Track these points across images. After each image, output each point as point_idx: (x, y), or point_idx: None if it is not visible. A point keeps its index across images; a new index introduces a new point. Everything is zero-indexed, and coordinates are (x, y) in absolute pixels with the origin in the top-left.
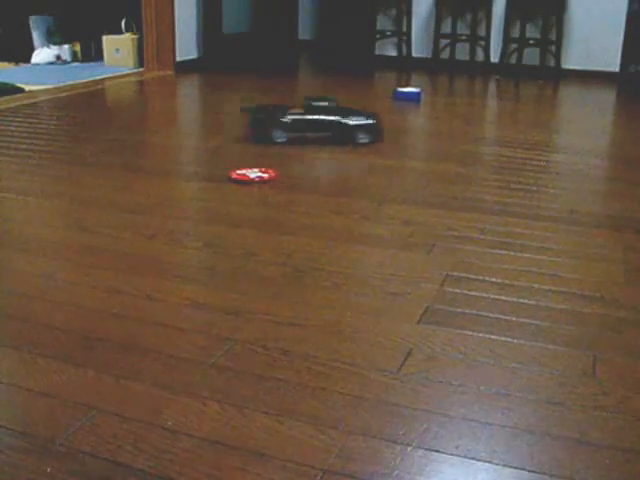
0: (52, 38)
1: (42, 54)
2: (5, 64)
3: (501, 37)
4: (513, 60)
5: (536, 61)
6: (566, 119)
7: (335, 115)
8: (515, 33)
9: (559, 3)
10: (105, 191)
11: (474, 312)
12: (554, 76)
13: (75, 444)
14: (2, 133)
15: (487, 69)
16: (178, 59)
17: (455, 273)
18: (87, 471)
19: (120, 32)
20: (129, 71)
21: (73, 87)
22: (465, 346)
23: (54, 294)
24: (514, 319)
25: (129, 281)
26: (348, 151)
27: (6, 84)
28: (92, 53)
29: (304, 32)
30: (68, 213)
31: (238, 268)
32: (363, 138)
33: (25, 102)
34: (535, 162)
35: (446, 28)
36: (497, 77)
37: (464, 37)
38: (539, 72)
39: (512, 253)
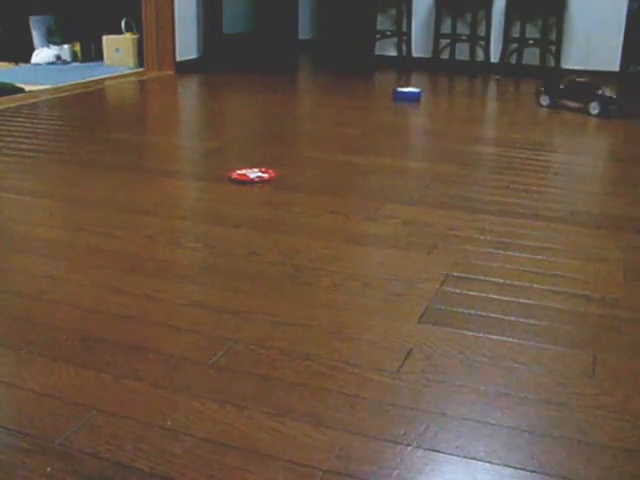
0: (52, 38)
1: (42, 54)
2: (5, 64)
3: (501, 37)
4: (513, 60)
5: (536, 61)
6: (566, 119)
7: None
8: (515, 33)
9: (559, 3)
10: (105, 191)
11: (474, 312)
12: (554, 76)
13: (75, 444)
14: (2, 133)
15: (487, 69)
16: (178, 59)
17: (455, 273)
18: (87, 471)
19: (120, 32)
20: (129, 71)
21: (73, 87)
22: (465, 346)
23: (54, 294)
24: (514, 319)
25: (129, 281)
26: (348, 151)
27: (6, 84)
28: (92, 53)
29: (304, 32)
30: (68, 213)
31: (238, 268)
32: None
33: (25, 102)
34: (535, 162)
35: (446, 28)
36: (497, 77)
37: (464, 37)
38: (539, 72)
39: (512, 253)
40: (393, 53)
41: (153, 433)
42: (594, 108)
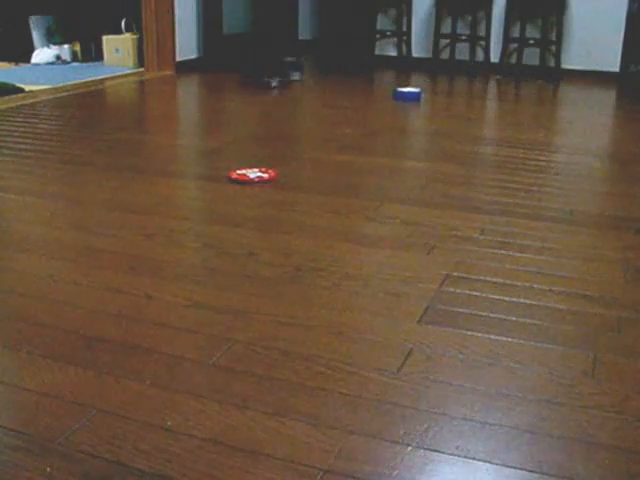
0: (52, 38)
1: (42, 54)
2: (5, 64)
3: (501, 37)
4: (513, 60)
5: (536, 61)
6: (566, 119)
7: None
8: (515, 33)
9: (559, 3)
10: (105, 191)
11: (474, 312)
12: (554, 76)
13: (75, 444)
14: (2, 133)
15: (487, 69)
16: (178, 59)
17: (455, 273)
18: (87, 471)
19: (120, 32)
20: (129, 71)
21: (73, 87)
22: (465, 346)
23: (54, 294)
24: (514, 319)
25: (129, 281)
26: (348, 151)
27: (6, 84)
28: (92, 53)
29: (304, 32)
30: (68, 213)
31: (238, 268)
32: None
33: (25, 102)
34: (535, 162)
35: (446, 28)
36: (497, 77)
37: (464, 37)
38: (539, 72)
39: (512, 253)
40: (393, 53)
41: (153, 433)
42: (294, 75)
